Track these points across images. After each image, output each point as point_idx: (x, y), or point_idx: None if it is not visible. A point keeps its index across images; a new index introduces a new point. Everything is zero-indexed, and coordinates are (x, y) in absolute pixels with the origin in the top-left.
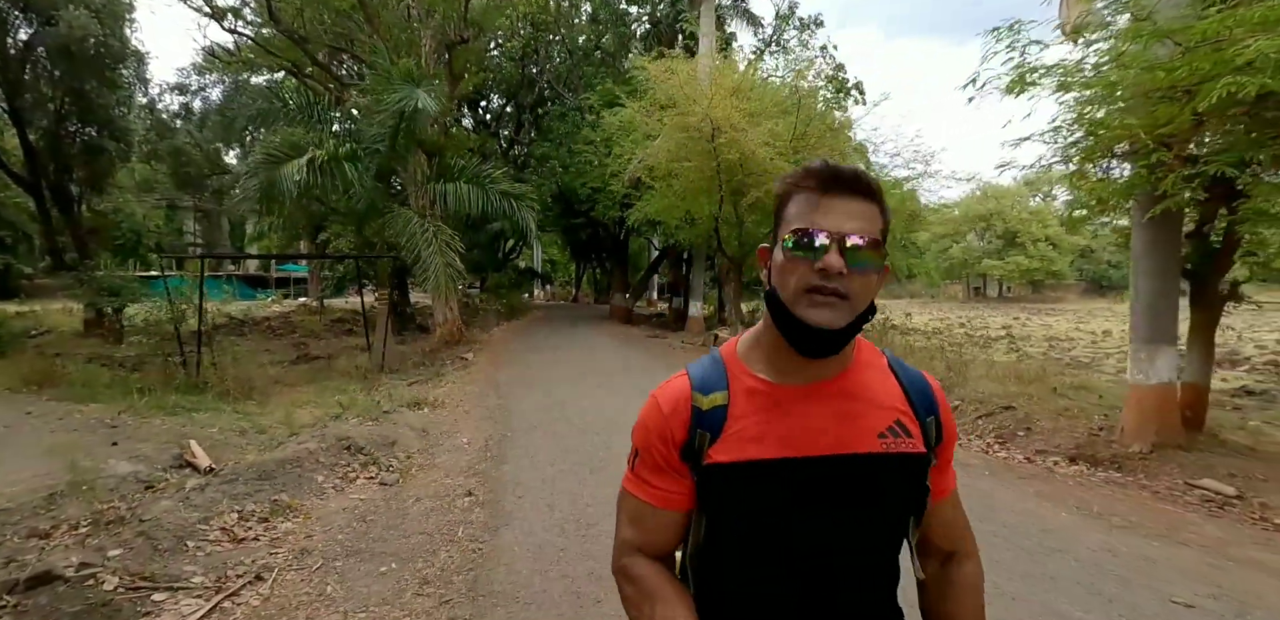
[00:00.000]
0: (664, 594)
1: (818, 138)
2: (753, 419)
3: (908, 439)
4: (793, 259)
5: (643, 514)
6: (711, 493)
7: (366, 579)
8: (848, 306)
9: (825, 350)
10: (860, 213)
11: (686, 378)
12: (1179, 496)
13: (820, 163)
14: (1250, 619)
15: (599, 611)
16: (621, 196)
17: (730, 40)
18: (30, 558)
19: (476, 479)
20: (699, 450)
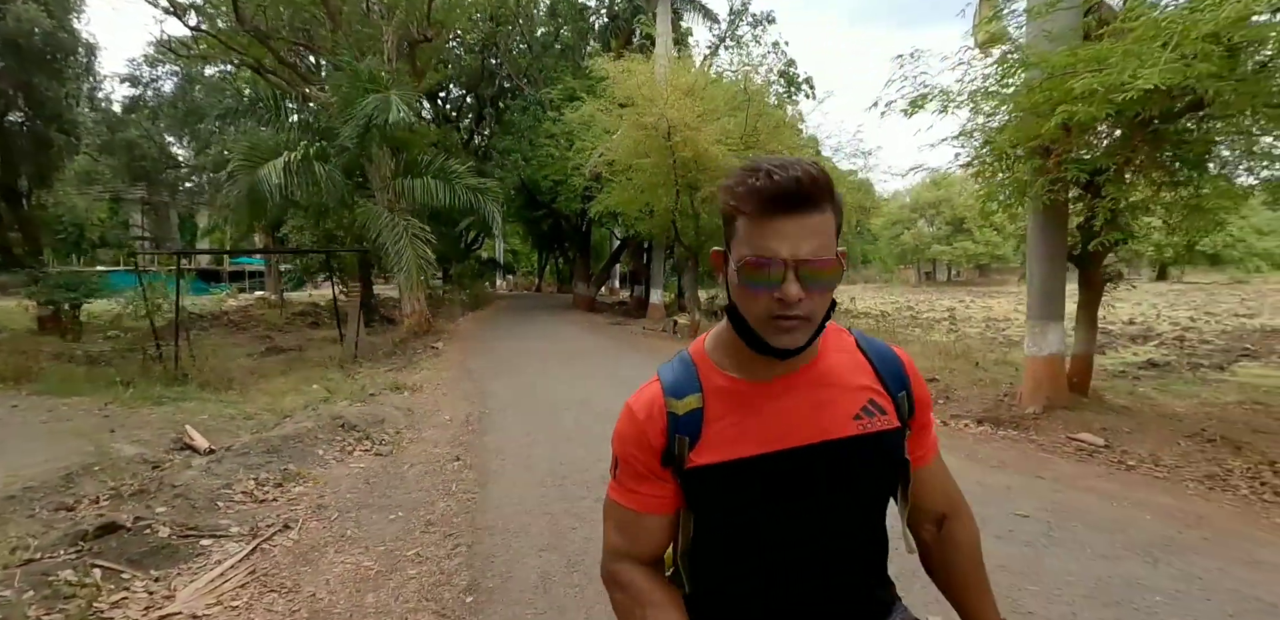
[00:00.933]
0: (655, 598)
1: (768, 133)
2: (729, 419)
3: (882, 416)
4: (750, 286)
5: (629, 520)
6: (697, 494)
7: (379, 524)
8: (808, 325)
9: (790, 356)
10: (812, 228)
11: (659, 384)
12: (1058, 447)
13: (762, 176)
14: (1069, 523)
15: (575, 536)
16: (583, 189)
17: (687, 35)
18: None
19: (461, 448)
20: (679, 455)
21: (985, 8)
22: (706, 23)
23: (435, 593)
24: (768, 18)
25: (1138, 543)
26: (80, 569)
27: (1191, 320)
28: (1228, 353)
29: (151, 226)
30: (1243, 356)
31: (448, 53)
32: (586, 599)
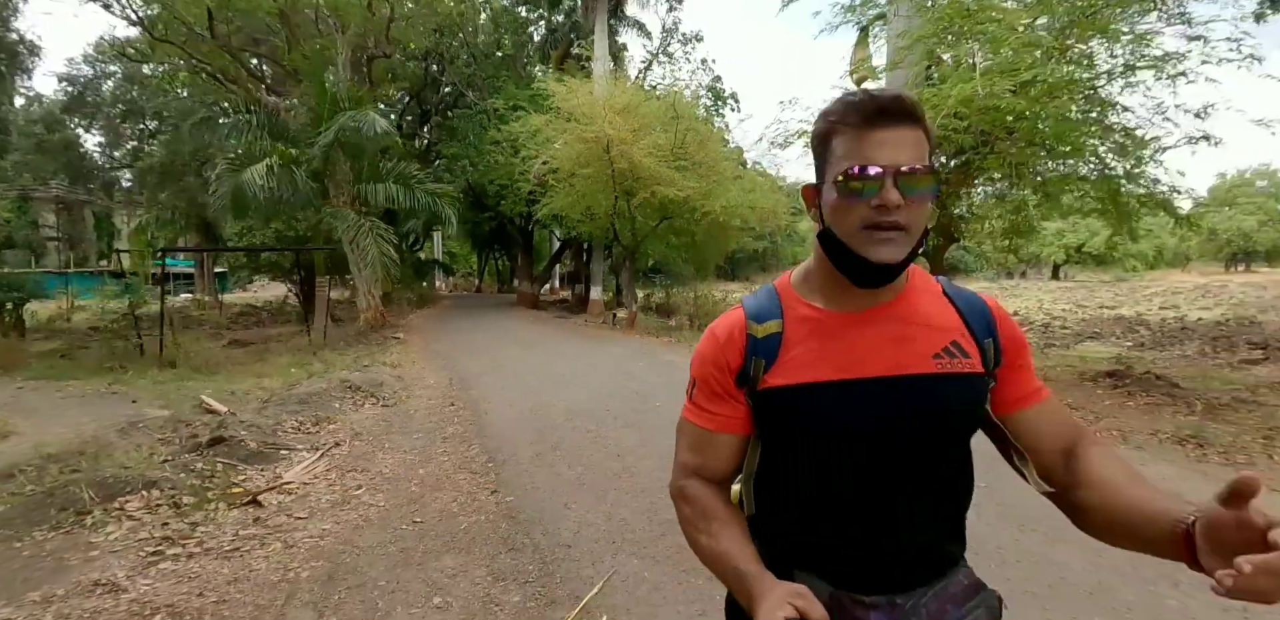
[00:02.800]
0: (719, 513)
1: (695, 146)
2: (808, 345)
3: (965, 359)
4: (848, 197)
5: (701, 439)
6: (768, 416)
7: (407, 440)
8: (906, 238)
9: (883, 281)
10: (909, 140)
11: (741, 310)
12: None
13: (860, 94)
14: None
15: (552, 438)
16: (528, 193)
17: (623, 50)
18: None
19: (452, 399)
20: (754, 377)
21: (859, 52)
22: (641, 38)
23: (465, 464)
24: (696, 37)
25: None
26: (208, 463)
27: (1063, 311)
28: (1079, 335)
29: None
30: (1089, 338)
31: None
32: (564, 464)
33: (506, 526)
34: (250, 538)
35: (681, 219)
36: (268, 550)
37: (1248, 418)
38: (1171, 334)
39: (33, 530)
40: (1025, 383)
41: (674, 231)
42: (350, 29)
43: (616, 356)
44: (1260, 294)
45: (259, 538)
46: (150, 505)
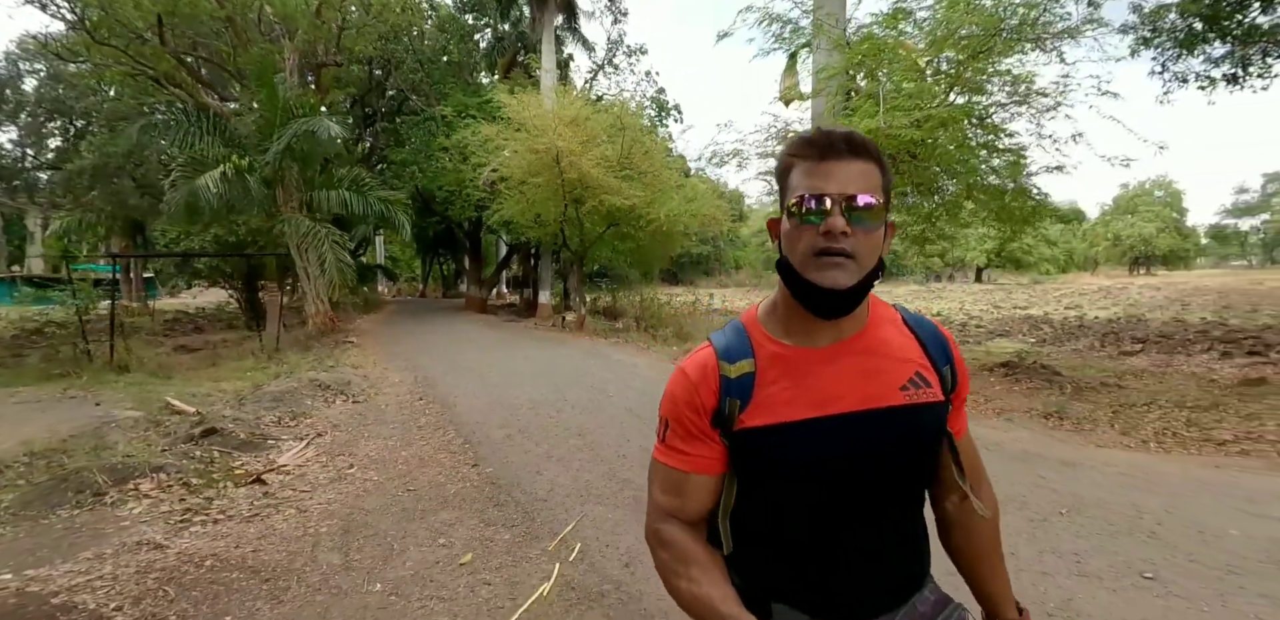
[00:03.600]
0: (697, 557)
1: (640, 157)
2: (781, 384)
3: (928, 389)
4: (799, 225)
5: (675, 481)
6: (745, 456)
7: (385, 430)
8: (855, 266)
9: (839, 310)
10: (858, 173)
11: (711, 349)
12: None
13: (814, 130)
14: None
15: (519, 424)
16: (477, 199)
17: (569, 60)
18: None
19: (420, 395)
20: (729, 417)
21: (788, 77)
22: (586, 51)
23: (444, 447)
24: (640, 49)
25: None
26: (205, 451)
27: (981, 311)
28: (991, 333)
29: None
30: (1000, 335)
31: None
32: (533, 443)
33: (489, 489)
34: (265, 507)
35: (628, 226)
36: (284, 515)
37: (1105, 397)
38: (1070, 331)
39: (55, 510)
40: (957, 416)
41: (620, 237)
42: (298, 35)
43: (569, 356)
44: (1154, 295)
45: (273, 506)
46: (162, 486)
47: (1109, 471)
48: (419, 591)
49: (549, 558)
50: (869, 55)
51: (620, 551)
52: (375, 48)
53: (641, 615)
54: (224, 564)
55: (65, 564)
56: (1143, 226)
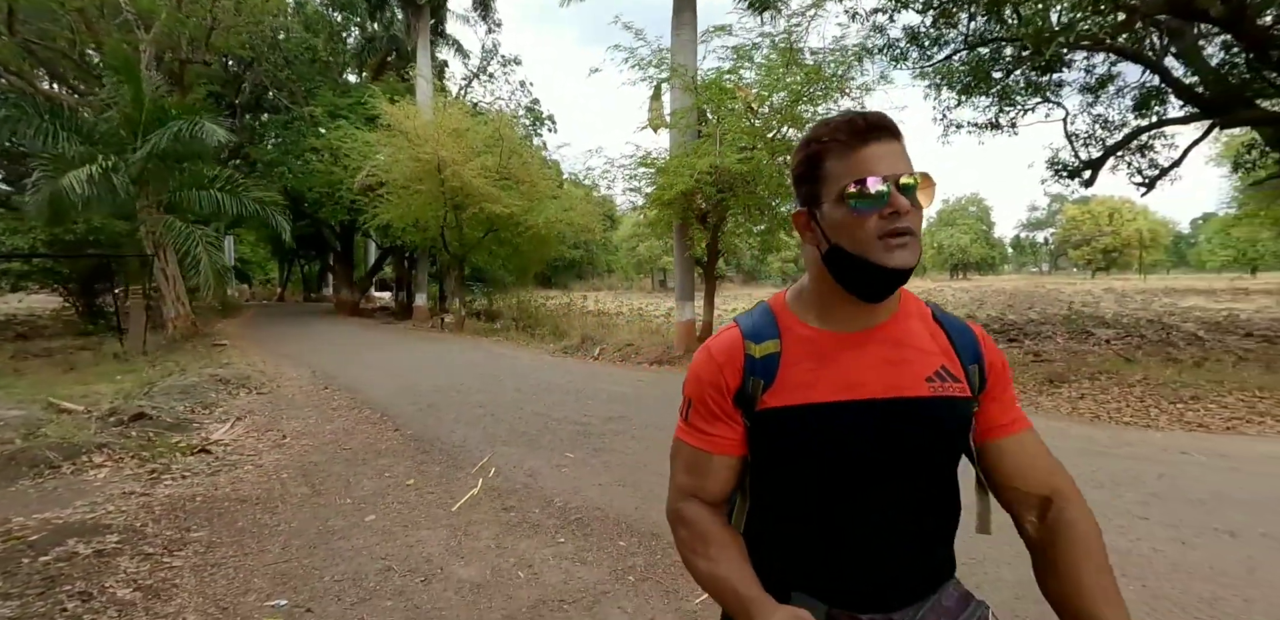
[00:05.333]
0: (717, 536)
1: (519, 167)
2: (805, 365)
3: (955, 383)
4: (857, 210)
5: (698, 461)
6: (765, 437)
7: (302, 412)
8: (916, 243)
9: (893, 290)
10: (899, 152)
11: (737, 329)
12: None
13: (843, 115)
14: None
15: (426, 401)
16: (350, 201)
17: (444, 66)
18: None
19: (324, 385)
20: (752, 396)
21: (654, 104)
22: (460, 57)
23: (364, 421)
24: (515, 60)
25: None
26: (140, 432)
27: None
28: None
29: None
30: None
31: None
32: (442, 413)
33: (415, 444)
34: (223, 466)
35: (506, 231)
36: (243, 470)
37: None
38: None
39: (17, 482)
40: (1005, 411)
41: (499, 242)
42: (155, 28)
43: (456, 351)
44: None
45: (230, 465)
46: (113, 458)
47: None
48: (380, 500)
49: (473, 477)
50: (714, 96)
51: (525, 470)
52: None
53: (542, 498)
54: (213, 499)
55: (65, 510)
56: (959, 237)
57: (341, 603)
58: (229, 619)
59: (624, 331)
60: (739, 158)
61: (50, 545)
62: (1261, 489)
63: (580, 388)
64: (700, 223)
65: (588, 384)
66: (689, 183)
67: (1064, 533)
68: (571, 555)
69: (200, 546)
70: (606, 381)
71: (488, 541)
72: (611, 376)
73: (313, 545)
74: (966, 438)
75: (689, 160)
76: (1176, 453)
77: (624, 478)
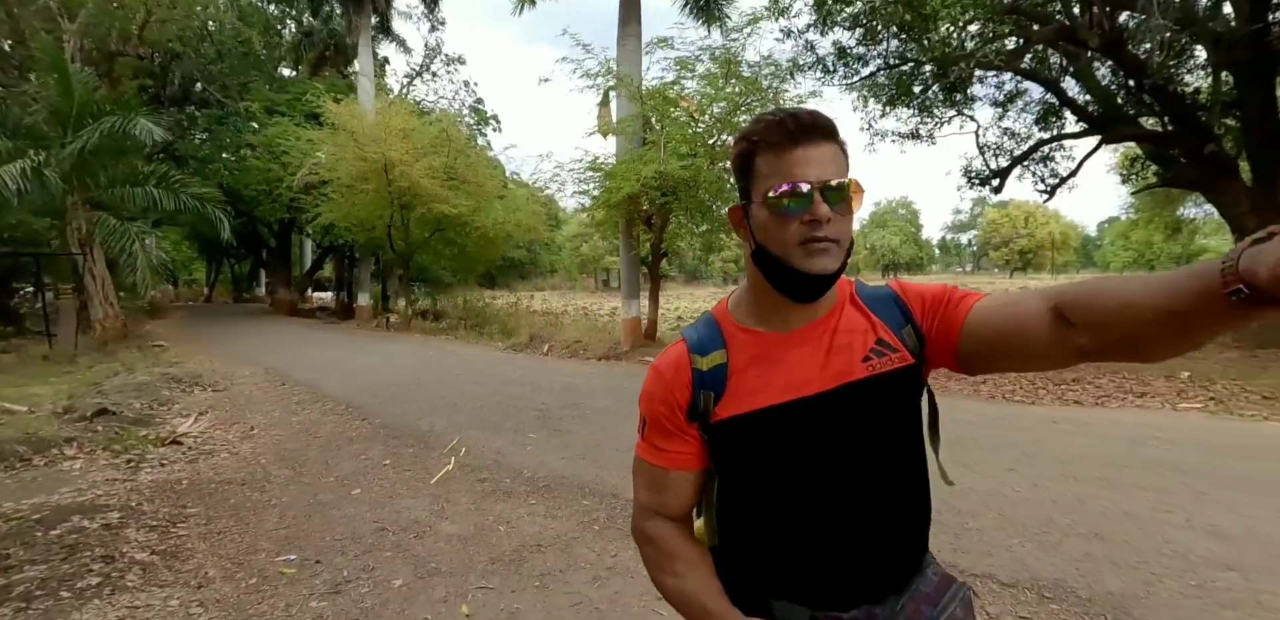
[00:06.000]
0: (683, 552)
1: (465, 168)
2: (753, 371)
3: (893, 354)
4: (779, 214)
5: (657, 477)
6: (723, 448)
7: (264, 407)
8: (838, 249)
9: (819, 293)
10: (829, 155)
11: (684, 344)
12: (628, 364)
13: (777, 114)
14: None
15: (387, 395)
16: (290, 199)
17: (385, 64)
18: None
19: (280, 382)
20: (705, 410)
21: (602, 111)
22: (403, 54)
23: (329, 413)
24: (459, 59)
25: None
26: (107, 427)
27: None
28: None
29: None
30: None
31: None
32: (406, 405)
33: (384, 431)
34: (199, 454)
35: (453, 232)
36: (221, 457)
37: None
38: None
39: None
40: (959, 305)
41: (445, 241)
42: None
43: (408, 349)
44: None
45: (207, 453)
46: (84, 451)
47: None
48: (362, 478)
49: (445, 456)
50: (658, 105)
51: (493, 449)
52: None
53: (511, 470)
54: (199, 482)
55: (53, 496)
56: (890, 238)
57: (346, 555)
58: (246, 571)
59: (571, 329)
60: (682, 164)
61: (56, 522)
62: (1106, 447)
63: (534, 380)
64: (645, 224)
65: (541, 377)
66: (635, 186)
67: (1084, 300)
68: (543, 513)
69: (200, 520)
70: (559, 375)
71: (467, 505)
72: (563, 370)
73: (307, 515)
74: (915, 405)
75: (635, 166)
76: (1049, 422)
77: (583, 453)
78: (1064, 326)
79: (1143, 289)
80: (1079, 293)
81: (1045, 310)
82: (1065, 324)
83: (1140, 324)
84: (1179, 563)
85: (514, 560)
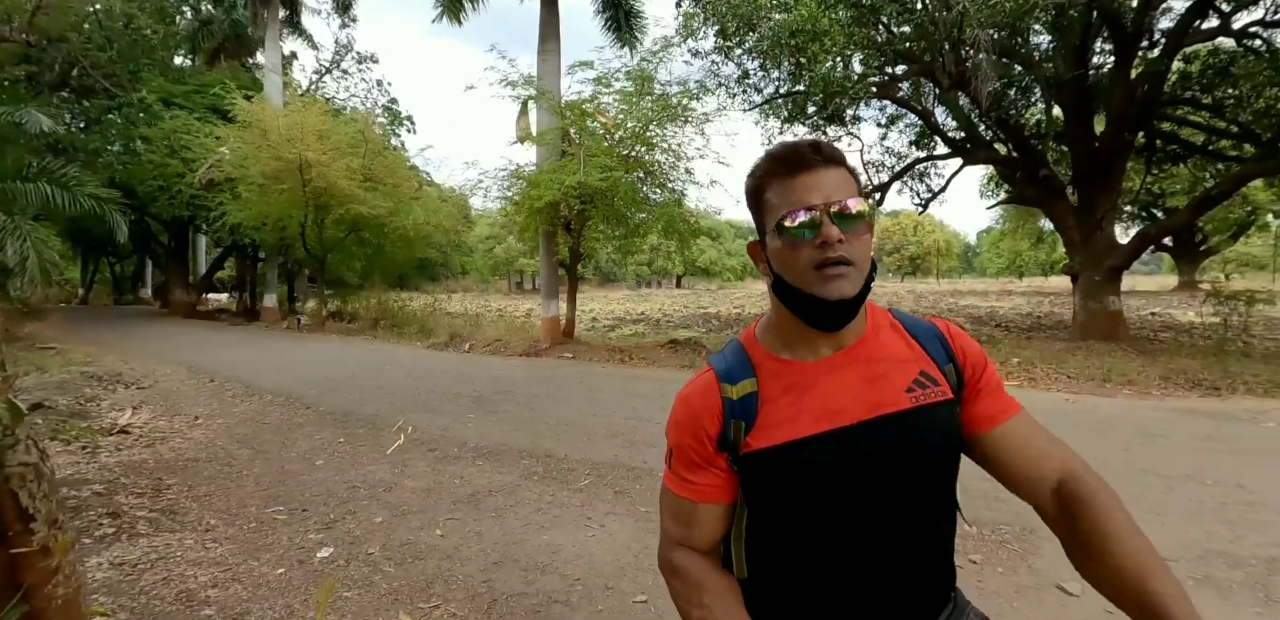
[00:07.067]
0: (710, 584)
1: (383, 170)
2: (785, 400)
3: (935, 388)
4: (792, 242)
5: (684, 510)
6: (755, 480)
7: (200, 400)
8: (855, 272)
9: (843, 321)
10: (836, 180)
11: (712, 373)
12: (549, 359)
13: (780, 147)
14: (570, 376)
15: (328, 387)
16: (190, 197)
17: (292, 58)
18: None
19: (208, 378)
20: (735, 440)
21: (521, 119)
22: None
23: (271, 403)
24: (371, 58)
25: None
26: (46, 419)
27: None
28: (676, 325)
29: None
30: (682, 327)
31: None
32: (346, 394)
33: (331, 416)
34: (154, 441)
35: (370, 232)
36: (176, 442)
37: None
38: (730, 322)
39: None
40: (993, 400)
41: (360, 242)
42: None
43: (330, 348)
44: None
45: (161, 439)
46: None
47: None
48: (321, 453)
49: (394, 434)
50: (576, 118)
51: (437, 427)
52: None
53: (457, 441)
54: (164, 461)
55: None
56: None
57: (328, 505)
58: (243, 520)
59: (491, 329)
60: (600, 176)
61: None
62: None
63: (463, 372)
64: (565, 229)
65: (469, 370)
66: (557, 195)
67: (1084, 510)
68: (490, 470)
69: (182, 487)
70: (485, 368)
71: (424, 468)
72: (488, 365)
73: (280, 481)
74: (958, 441)
75: (558, 176)
76: None
77: (518, 427)
78: (1054, 501)
79: (1133, 562)
80: (1091, 514)
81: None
82: (1057, 501)
83: (1097, 572)
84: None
85: (471, 501)
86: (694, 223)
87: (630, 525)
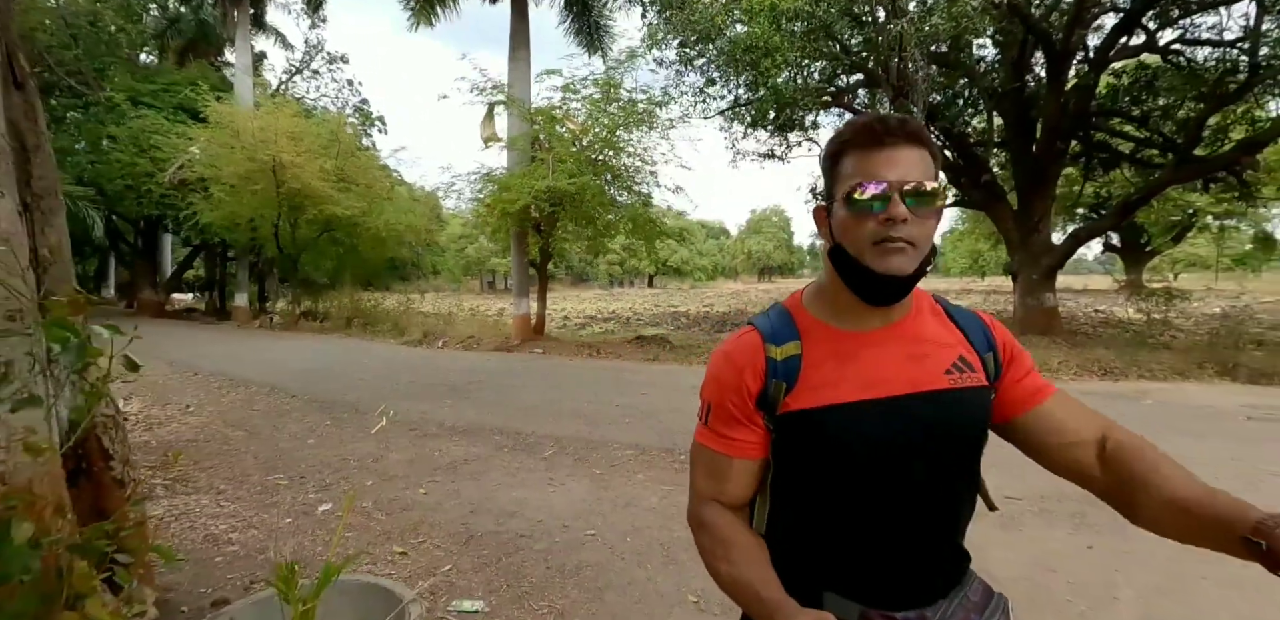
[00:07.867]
0: (739, 540)
1: (357, 171)
2: (828, 366)
3: (972, 374)
4: (856, 213)
5: (719, 465)
6: (790, 440)
7: (188, 390)
8: (915, 252)
9: (894, 297)
10: (914, 159)
11: (755, 332)
12: (520, 354)
13: (869, 116)
14: (537, 366)
15: (310, 379)
16: (160, 196)
17: (262, 58)
18: None
19: (193, 372)
20: (774, 400)
21: (487, 123)
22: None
23: (259, 393)
24: (342, 58)
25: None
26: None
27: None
28: (647, 323)
29: None
30: (652, 325)
31: None
32: (330, 385)
33: (317, 403)
34: (149, 426)
35: (343, 232)
36: (170, 428)
37: (694, 353)
38: (697, 320)
39: None
40: (1030, 384)
41: (333, 241)
42: None
43: (306, 346)
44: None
45: (157, 424)
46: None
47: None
48: (311, 433)
49: (378, 417)
50: (545, 125)
51: (417, 411)
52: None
53: (436, 422)
54: (165, 443)
55: None
56: (765, 244)
57: (323, 473)
58: (249, 485)
59: (463, 326)
60: (569, 180)
61: None
62: None
63: (438, 365)
64: (535, 230)
65: (444, 363)
66: (528, 198)
67: (1127, 454)
68: (465, 444)
69: (187, 461)
70: (459, 362)
71: (406, 444)
72: (462, 358)
73: (276, 457)
74: (986, 427)
75: (529, 181)
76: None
77: (492, 410)
78: (1096, 464)
79: (1185, 486)
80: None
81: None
82: (1100, 463)
83: (1156, 506)
84: None
85: (450, 468)
86: (659, 224)
87: (586, 484)
